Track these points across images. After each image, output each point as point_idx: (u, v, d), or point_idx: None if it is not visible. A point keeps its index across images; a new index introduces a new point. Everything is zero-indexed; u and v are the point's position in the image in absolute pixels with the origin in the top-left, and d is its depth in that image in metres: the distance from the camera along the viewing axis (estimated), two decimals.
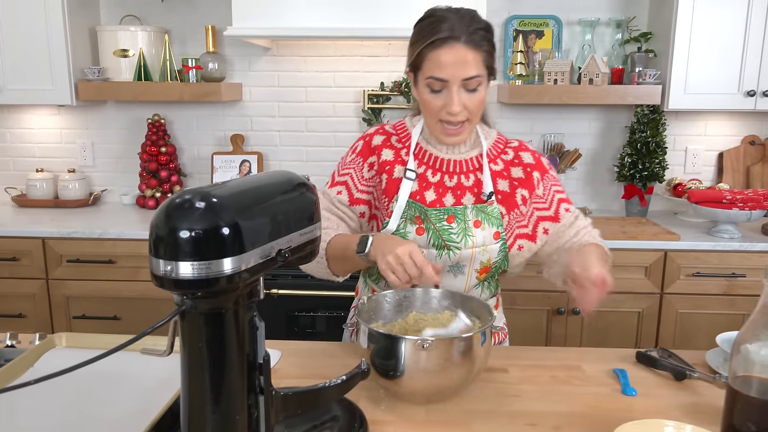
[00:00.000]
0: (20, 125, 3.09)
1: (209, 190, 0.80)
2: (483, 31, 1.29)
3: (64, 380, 1.11)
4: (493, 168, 1.43)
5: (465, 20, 1.28)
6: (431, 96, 1.31)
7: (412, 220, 1.39)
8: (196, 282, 0.77)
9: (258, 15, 2.47)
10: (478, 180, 1.42)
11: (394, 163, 1.43)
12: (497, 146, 1.47)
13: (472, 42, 1.26)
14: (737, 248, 2.43)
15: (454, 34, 1.26)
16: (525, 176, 1.44)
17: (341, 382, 0.94)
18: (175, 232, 0.76)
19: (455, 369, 1.11)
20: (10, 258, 2.56)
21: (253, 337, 0.86)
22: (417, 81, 1.34)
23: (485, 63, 1.29)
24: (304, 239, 0.92)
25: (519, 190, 1.44)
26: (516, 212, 1.44)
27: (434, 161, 1.43)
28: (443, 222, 1.37)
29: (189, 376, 0.84)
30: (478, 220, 1.39)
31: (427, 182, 1.42)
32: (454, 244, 1.37)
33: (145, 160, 2.94)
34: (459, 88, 1.28)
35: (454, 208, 1.39)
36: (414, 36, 1.33)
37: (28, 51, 2.68)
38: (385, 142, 1.46)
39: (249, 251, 0.80)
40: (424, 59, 1.29)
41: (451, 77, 1.27)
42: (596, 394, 1.22)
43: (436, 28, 1.27)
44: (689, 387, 1.25)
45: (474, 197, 1.41)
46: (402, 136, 1.47)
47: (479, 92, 1.30)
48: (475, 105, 1.31)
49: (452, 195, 1.41)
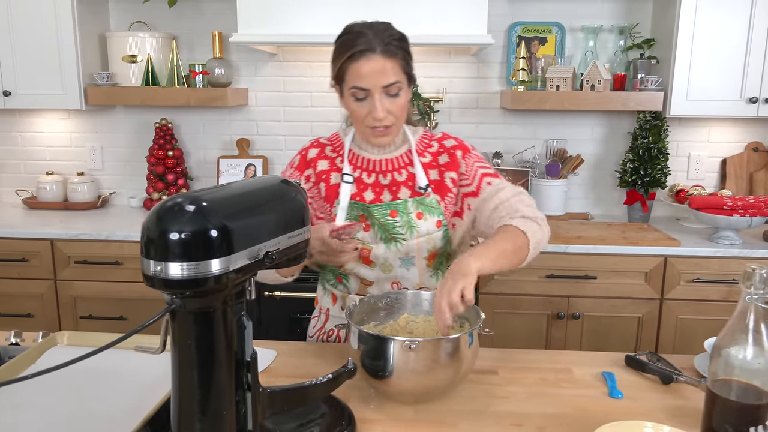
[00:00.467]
0: (31, 129, 3.16)
1: (200, 194, 0.84)
2: (397, 41, 1.38)
3: (63, 377, 1.16)
4: (423, 161, 1.51)
5: (379, 33, 1.36)
6: (356, 104, 1.40)
7: (357, 219, 1.47)
8: (185, 282, 0.80)
9: (263, 22, 2.52)
10: (411, 174, 1.50)
11: (330, 171, 1.53)
12: (423, 141, 1.55)
13: (387, 51, 1.35)
14: (738, 254, 2.44)
15: (371, 46, 1.34)
16: (450, 159, 1.51)
17: (327, 380, 0.97)
18: (165, 234, 0.79)
19: (443, 369, 1.14)
20: (19, 259, 2.61)
21: (240, 336, 0.89)
22: (342, 92, 1.43)
23: (403, 69, 1.39)
24: (293, 242, 0.95)
25: (447, 173, 1.50)
26: (449, 195, 1.50)
27: (367, 163, 1.52)
28: (387, 216, 1.46)
29: (179, 373, 0.87)
30: (420, 212, 1.46)
31: (363, 184, 1.51)
32: (401, 236, 1.45)
33: (152, 163, 2.99)
34: (381, 95, 1.37)
35: (395, 203, 1.47)
36: (335, 51, 1.41)
37: (39, 56, 2.74)
38: (319, 154, 1.55)
39: (237, 253, 0.84)
40: (346, 72, 1.37)
41: (372, 86, 1.35)
42: (583, 396, 1.24)
43: (354, 42, 1.35)
44: (676, 390, 1.26)
45: (410, 191, 1.49)
46: (336, 146, 1.56)
47: (401, 97, 1.39)
48: (398, 108, 1.40)
49: (389, 192, 1.49)
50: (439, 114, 3.00)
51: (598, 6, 2.92)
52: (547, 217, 2.81)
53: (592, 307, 2.51)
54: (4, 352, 1.32)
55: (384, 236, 1.46)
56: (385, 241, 1.46)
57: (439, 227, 1.47)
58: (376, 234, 1.46)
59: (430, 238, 1.47)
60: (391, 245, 1.46)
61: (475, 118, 3.03)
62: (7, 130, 3.17)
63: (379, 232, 1.46)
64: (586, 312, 2.51)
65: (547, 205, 2.90)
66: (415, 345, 1.10)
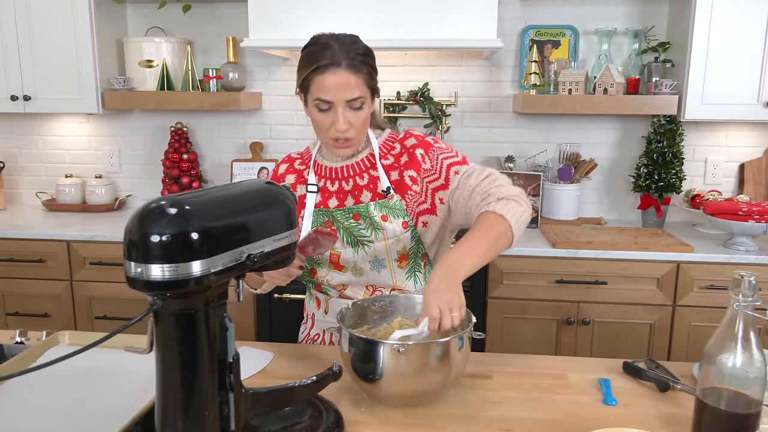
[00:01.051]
0: (52, 132, 3.23)
1: (183, 197, 0.85)
2: (362, 56, 1.39)
3: (60, 376, 1.18)
4: (384, 163, 1.51)
5: (345, 47, 1.37)
6: (320, 115, 1.41)
7: (323, 225, 1.50)
8: (166, 284, 0.81)
9: (274, 27, 2.54)
10: (372, 177, 1.51)
11: (296, 184, 1.57)
12: (387, 144, 1.54)
13: (352, 67, 1.36)
14: (753, 261, 2.39)
15: (336, 60, 1.35)
16: (409, 158, 1.50)
17: (311, 382, 0.98)
18: (146, 236, 0.81)
19: (432, 373, 1.14)
20: (37, 260, 2.67)
21: (223, 337, 0.90)
22: (307, 101, 1.44)
23: (367, 84, 1.40)
24: (278, 245, 0.96)
25: (405, 172, 1.49)
26: (410, 194, 1.48)
27: (330, 172, 1.54)
28: (350, 220, 1.48)
29: (162, 373, 0.89)
30: (384, 215, 1.47)
31: (328, 192, 1.53)
32: (366, 238, 1.47)
33: (167, 166, 3.03)
34: (344, 108, 1.39)
35: (356, 207, 1.48)
36: (301, 61, 1.42)
37: (58, 62, 2.80)
38: (288, 169, 1.60)
39: (218, 255, 0.85)
40: (310, 83, 1.39)
41: (335, 99, 1.37)
42: (576, 402, 1.23)
43: (319, 55, 1.37)
44: (672, 398, 1.25)
45: (371, 193, 1.50)
46: (305, 158, 1.60)
47: (363, 110, 1.42)
48: (360, 121, 1.42)
49: (351, 197, 1.51)
50: (452, 118, 3.00)
51: (612, 9, 2.89)
52: (559, 222, 2.83)
53: (602, 313, 2.48)
54: (8, 350, 1.36)
55: (350, 240, 1.48)
56: (353, 245, 1.48)
57: (405, 228, 1.47)
58: (342, 238, 1.49)
59: (398, 240, 1.47)
60: (358, 248, 1.48)
61: (487, 122, 3.02)
62: (29, 133, 3.24)
63: (345, 235, 1.49)
64: (597, 318, 2.48)
65: (559, 209, 2.88)
66: (404, 349, 1.10)
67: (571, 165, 2.91)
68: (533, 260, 2.47)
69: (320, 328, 1.59)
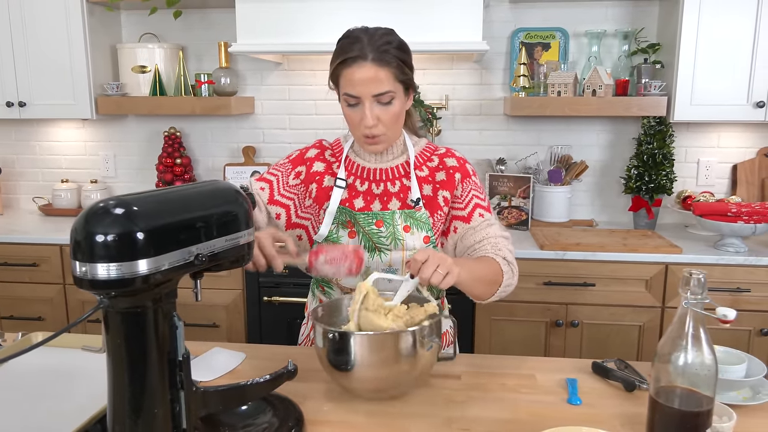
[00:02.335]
0: (48, 138, 3.27)
1: (131, 197, 0.87)
2: (394, 49, 1.36)
3: (18, 376, 1.20)
4: (419, 174, 1.50)
5: (374, 39, 1.35)
6: (349, 110, 1.40)
7: (344, 225, 1.47)
8: (111, 282, 0.83)
9: (262, 31, 2.56)
10: (404, 186, 1.49)
11: (324, 174, 1.52)
12: (424, 154, 1.53)
13: (381, 60, 1.33)
14: (742, 262, 2.38)
15: (363, 53, 1.33)
16: (447, 178, 1.49)
17: (265, 381, 0.99)
18: (91, 236, 0.82)
19: (402, 362, 1.15)
20: (30, 264, 2.71)
21: (173, 336, 0.91)
22: (339, 95, 1.43)
23: (397, 78, 1.36)
24: (229, 245, 0.97)
25: (440, 192, 1.49)
26: (439, 214, 1.49)
27: (362, 171, 1.51)
28: (372, 226, 1.45)
29: (112, 372, 0.90)
30: (408, 225, 1.45)
31: (355, 191, 1.49)
32: (385, 246, 1.45)
33: (161, 171, 3.06)
34: (372, 103, 1.35)
35: (382, 213, 1.46)
36: (333, 54, 1.41)
37: (52, 68, 2.84)
38: (318, 156, 1.55)
39: (164, 254, 0.86)
40: (339, 77, 1.38)
41: (362, 94, 1.34)
42: (540, 402, 1.23)
43: (347, 48, 1.35)
44: (638, 398, 1.25)
45: (400, 202, 1.48)
46: (336, 150, 1.56)
47: (393, 105, 1.37)
48: (390, 117, 1.38)
49: (379, 201, 1.48)
50: (442, 121, 3.01)
51: (602, 11, 2.89)
52: (550, 224, 2.83)
53: (591, 314, 2.47)
54: None
55: (368, 245, 1.46)
56: (369, 250, 1.45)
57: (426, 243, 1.46)
58: (360, 242, 1.46)
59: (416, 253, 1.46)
60: (374, 254, 1.46)
61: (478, 125, 3.03)
62: (26, 139, 3.28)
63: (363, 240, 1.46)
64: (585, 320, 2.48)
65: (550, 211, 2.88)
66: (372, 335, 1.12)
67: (561, 167, 2.91)
68: (521, 262, 2.41)
69: None
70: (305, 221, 1.54)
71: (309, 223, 1.53)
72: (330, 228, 1.47)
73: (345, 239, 1.47)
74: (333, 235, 1.48)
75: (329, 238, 1.48)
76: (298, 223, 1.54)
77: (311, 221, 1.53)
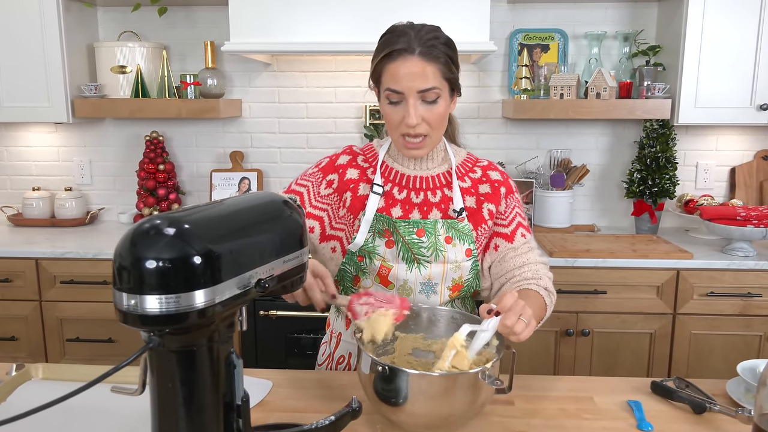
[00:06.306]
0: (17, 143, 3.05)
1: (180, 215, 0.73)
2: (442, 45, 1.28)
3: (41, 415, 1.04)
4: (461, 185, 1.41)
5: (422, 34, 1.27)
6: (390, 108, 1.30)
7: (381, 234, 1.36)
8: (164, 318, 0.69)
9: (257, 30, 2.42)
10: (446, 196, 1.39)
11: (359, 181, 1.41)
12: (466, 164, 1.44)
13: (427, 54, 1.25)
14: (753, 267, 2.34)
15: (410, 46, 1.25)
16: (492, 191, 1.41)
17: (329, 423, 0.86)
18: (140, 262, 0.68)
19: (459, 400, 1.03)
20: (2, 279, 2.50)
21: (230, 376, 0.78)
22: (379, 94, 1.34)
23: (443, 75, 1.27)
24: (288, 266, 0.85)
25: (486, 204, 1.41)
26: (483, 227, 1.40)
27: (401, 178, 1.41)
28: (413, 235, 1.35)
29: (159, 419, 0.76)
30: (449, 236, 1.36)
31: (393, 199, 1.39)
32: (425, 258, 1.34)
33: (143, 177, 2.88)
34: (416, 101, 1.26)
35: (424, 221, 1.36)
36: (375, 50, 1.32)
37: (25, 68, 2.64)
38: (350, 162, 1.44)
39: (224, 282, 0.73)
40: (382, 72, 1.29)
41: (406, 89, 1.25)
42: (609, 429, 1.13)
43: (393, 41, 1.27)
44: (710, 421, 1.16)
45: (441, 213, 1.38)
46: (369, 156, 1.45)
47: (439, 105, 1.28)
48: (435, 117, 1.28)
49: (419, 211, 1.38)
50: None
51: (601, 13, 2.83)
52: (552, 229, 2.75)
53: (602, 323, 2.40)
54: None
55: (407, 256, 1.34)
56: (408, 262, 1.34)
57: (468, 256, 1.37)
58: (398, 252, 1.34)
59: (457, 267, 1.36)
60: (413, 266, 1.35)
61: (476, 128, 2.94)
62: None
63: (402, 250, 1.34)
64: (596, 328, 2.40)
65: (552, 217, 2.80)
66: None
67: (562, 171, 2.84)
68: None
69: (347, 350, 1.45)
70: (339, 232, 1.41)
71: (343, 234, 1.41)
72: (366, 237, 1.35)
73: (382, 249, 1.35)
74: (369, 244, 1.35)
75: (365, 247, 1.35)
76: (332, 235, 1.41)
77: (345, 231, 1.40)
